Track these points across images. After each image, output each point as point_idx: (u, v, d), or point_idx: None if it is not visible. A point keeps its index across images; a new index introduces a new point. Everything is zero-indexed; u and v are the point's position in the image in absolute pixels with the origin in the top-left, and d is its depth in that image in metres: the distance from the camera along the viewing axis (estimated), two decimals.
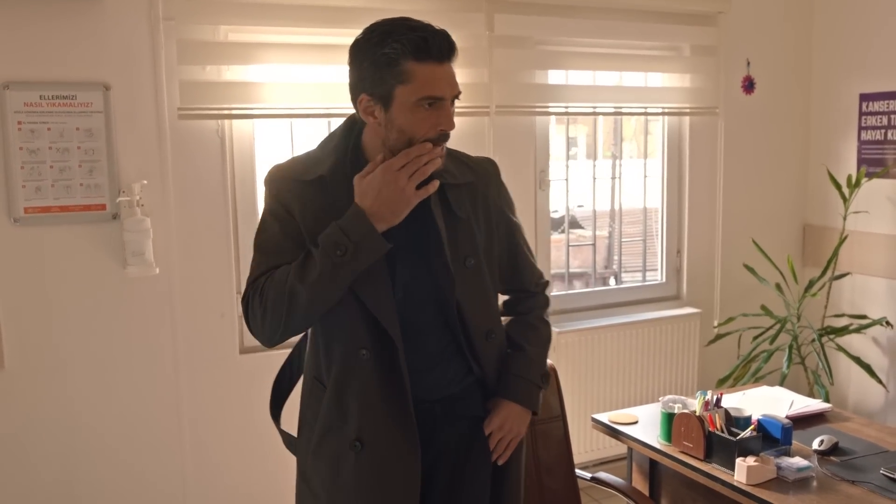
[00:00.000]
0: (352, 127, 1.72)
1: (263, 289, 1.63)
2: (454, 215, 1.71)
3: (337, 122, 3.33)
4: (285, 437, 1.87)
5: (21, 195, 2.72)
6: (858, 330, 3.78)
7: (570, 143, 3.92)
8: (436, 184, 1.59)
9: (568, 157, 3.85)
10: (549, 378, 1.87)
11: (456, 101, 1.63)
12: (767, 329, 3.77)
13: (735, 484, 2.13)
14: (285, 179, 1.69)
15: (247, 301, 1.67)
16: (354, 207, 1.56)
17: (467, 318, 1.72)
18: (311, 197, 1.65)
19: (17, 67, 2.69)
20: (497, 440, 1.79)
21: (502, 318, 1.89)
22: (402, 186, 1.54)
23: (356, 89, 1.64)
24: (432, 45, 1.55)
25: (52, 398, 2.84)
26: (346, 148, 1.70)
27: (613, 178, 3.98)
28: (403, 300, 1.68)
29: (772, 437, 2.30)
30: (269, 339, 1.67)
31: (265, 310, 1.62)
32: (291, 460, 1.86)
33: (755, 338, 3.77)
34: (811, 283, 3.82)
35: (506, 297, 1.94)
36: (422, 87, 1.55)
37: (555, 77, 3.65)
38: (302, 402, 1.81)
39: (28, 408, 2.82)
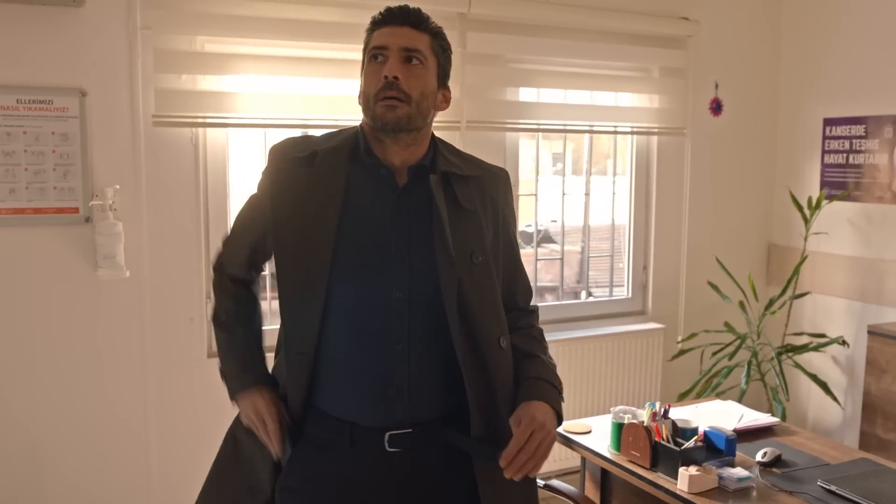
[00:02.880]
0: None
1: (215, 297, 1.82)
2: (460, 207, 1.62)
3: (312, 132, 3.42)
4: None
5: None
6: (817, 348, 3.88)
7: (540, 159, 4.01)
8: None
9: (538, 173, 3.94)
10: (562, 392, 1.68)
11: (417, 56, 1.59)
12: (727, 345, 3.86)
13: (677, 492, 2.20)
14: (281, 156, 1.68)
15: (214, 278, 1.85)
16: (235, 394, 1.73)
17: (476, 321, 1.58)
18: (297, 173, 1.63)
19: None
20: (538, 441, 1.52)
21: None
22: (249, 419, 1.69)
23: None
24: (386, 14, 1.62)
25: (21, 398, 2.89)
26: (359, 132, 1.67)
27: (586, 194, 4.07)
28: (408, 300, 1.58)
29: (717, 448, 2.37)
30: None
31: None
32: None
33: (714, 353, 3.86)
34: (771, 302, 3.92)
35: None
36: (369, 45, 1.63)
37: (526, 94, 3.74)
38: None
39: None
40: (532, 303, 1.82)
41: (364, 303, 1.58)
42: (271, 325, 1.78)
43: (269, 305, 2.75)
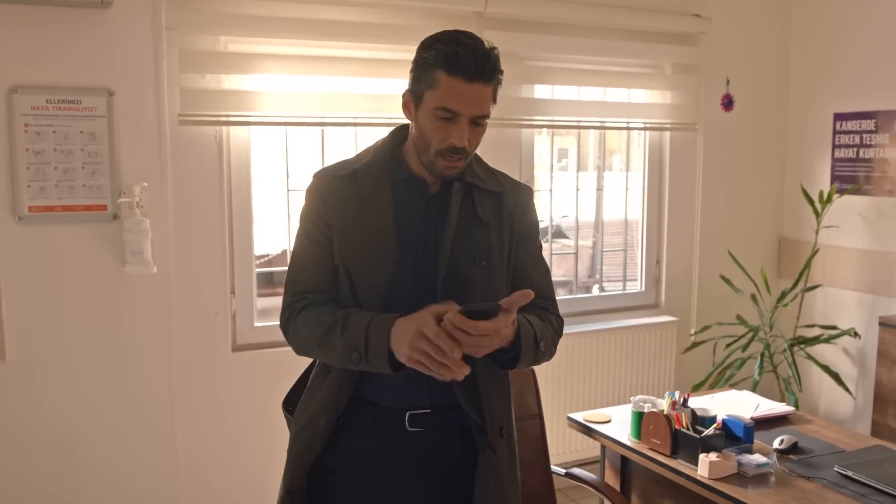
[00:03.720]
0: (398, 132, 1.81)
1: (296, 327, 1.73)
2: (476, 217, 1.75)
3: (330, 131, 3.50)
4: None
5: (26, 194, 2.84)
6: (828, 340, 3.93)
7: (554, 155, 4.07)
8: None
9: (552, 169, 4.00)
10: (545, 349, 1.72)
11: (483, 121, 1.67)
12: (740, 337, 3.92)
13: (698, 478, 2.27)
14: (325, 177, 1.78)
15: (284, 323, 1.77)
16: (387, 342, 1.58)
17: None
18: (342, 188, 1.74)
19: (26, 72, 2.81)
20: (488, 340, 1.56)
21: None
22: (414, 349, 1.55)
23: (408, 84, 1.74)
24: (461, 61, 1.60)
25: (51, 391, 2.95)
26: (388, 147, 1.78)
27: (599, 189, 4.12)
28: (433, 294, 1.69)
29: (735, 436, 2.43)
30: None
31: (297, 346, 1.75)
32: (282, 459, 1.84)
33: (728, 345, 3.92)
34: (783, 294, 3.97)
35: None
36: (442, 98, 1.61)
37: (541, 91, 3.80)
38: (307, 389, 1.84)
39: (27, 400, 2.93)
40: (555, 307, 1.85)
41: (400, 298, 1.70)
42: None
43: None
